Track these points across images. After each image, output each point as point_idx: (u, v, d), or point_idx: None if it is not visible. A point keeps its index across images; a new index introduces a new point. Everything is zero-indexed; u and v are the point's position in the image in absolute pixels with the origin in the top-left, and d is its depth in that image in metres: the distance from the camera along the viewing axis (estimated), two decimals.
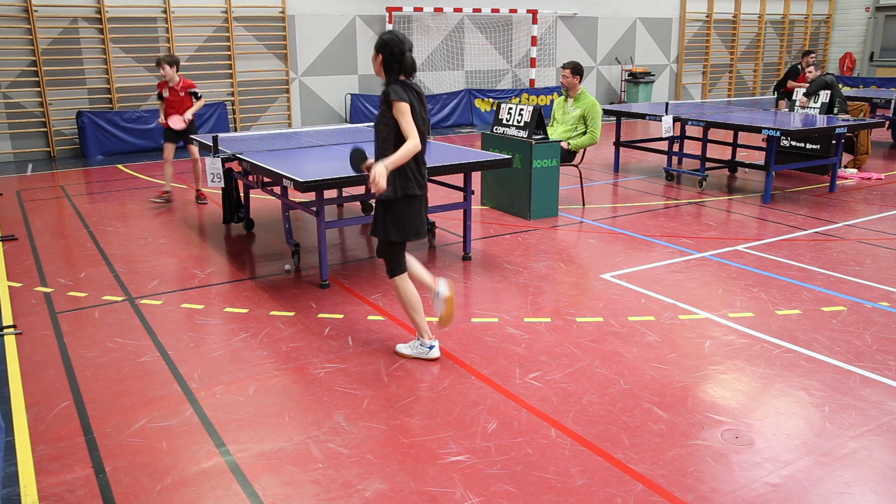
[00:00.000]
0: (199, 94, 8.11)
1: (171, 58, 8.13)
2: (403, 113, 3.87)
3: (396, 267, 4.14)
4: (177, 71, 8.08)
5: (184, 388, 3.91)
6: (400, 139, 3.93)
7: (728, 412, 3.64)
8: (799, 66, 12.84)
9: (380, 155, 4.02)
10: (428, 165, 5.55)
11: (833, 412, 3.63)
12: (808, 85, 10.06)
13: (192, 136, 7.91)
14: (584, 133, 7.90)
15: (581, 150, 8.01)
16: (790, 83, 12.82)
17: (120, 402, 3.77)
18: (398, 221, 4.04)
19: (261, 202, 8.29)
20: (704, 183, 8.92)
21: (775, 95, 13.25)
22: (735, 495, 2.99)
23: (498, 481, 3.08)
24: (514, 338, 4.53)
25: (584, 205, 8.04)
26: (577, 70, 7.86)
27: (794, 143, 9.45)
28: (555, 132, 8.02)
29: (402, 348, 4.31)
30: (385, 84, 4.00)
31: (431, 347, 4.22)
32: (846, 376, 4.01)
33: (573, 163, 7.98)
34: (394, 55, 3.92)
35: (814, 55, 12.24)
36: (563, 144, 7.70)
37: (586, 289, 5.43)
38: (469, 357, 4.26)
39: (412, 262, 4.25)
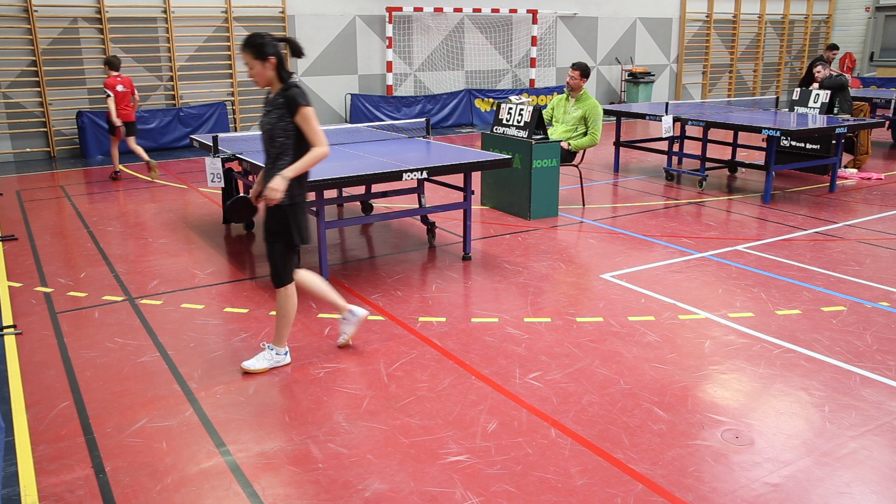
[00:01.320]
0: (106, 94, 9.37)
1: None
2: (310, 118, 3.70)
3: (289, 272, 3.99)
4: (109, 70, 9.42)
5: (184, 388, 3.91)
6: (301, 146, 3.77)
7: (728, 412, 3.64)
8: (822, 58, 12.85)
9: (273, 164, 3.82)
10: (428, 165, 5.60)
11: (833, 412, 3.64)
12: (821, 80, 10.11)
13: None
14: (585, 134, 7.91)
15: (581, 151, 8.01)
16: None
17: (120, 402, 3.77)
18: (300, 226, 3.90)
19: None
20: (704, 183, 8.92)
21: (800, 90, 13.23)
22: (735, 495, 2.99)
23: (498, 481, 3.08)
24: (514, 338, 4.53)
25: (584, 205, 8.04)
26: (585, 72, 7.88)
27: (794, 143, 9.44)
28: (555, 132, 8.02)
29: (254, 364, 4.08)
30: (282, 87, 3.78)
31: (286, 353, 4.16)
32: (846, 376, 4.01)
33: (573, 163, 7.99)
34: (278, 50, 3.74)
35: (836, 52, 12.30)
36: (564, 145, 7.71)
37: (586, 289, 5.43)
38: (469, 357, 4.26)
39: (320, 282, 4.21)
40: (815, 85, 10.14)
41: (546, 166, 7.28)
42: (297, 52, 3.84)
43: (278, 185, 3.73)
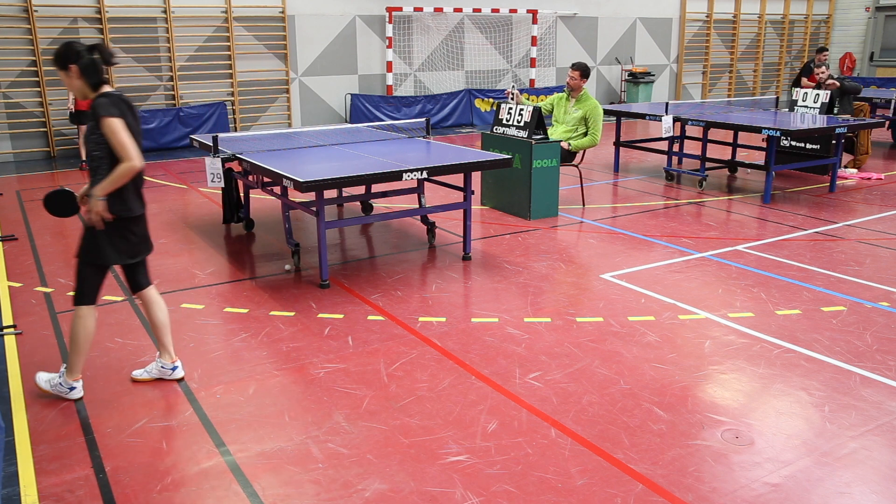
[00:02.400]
0: None
1: None
2: (115, 131, 3.48)
3: (90, 292, 3.71)
4: None
5: (184, 388, 3.91)
6: (115, 159, 3.54)
7: (728, 412, 3.64)
8: (812, 64, 12.89)
9: (93, 178, 3.64)
10: (428, 165, 5.60)
11: (833, 412, 3.64)
12: (817, 80, 10.12)
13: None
14: (586, 134, 7.91)
15: (581, 151, 8.01)
16: (803, 81, 12.95)
17: (120, 402, 3.77)
18: (115, 243, 3.70)
19: (261, 202, 8.29)
20: (704, 183, 8.92)
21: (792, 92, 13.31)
22: (735, 495, 2.99)
23: (498, 481, 3.08)
24: (514, 338, 4.53)
25: (584, 205, 8.03)
26: (585, 73, 7.88)
27: (794, 143, 9.44)
28: (555, 132, 8.02)
29: (41, 381, 3.83)
30: (95, 96, 3.60)
31: (71, 389, 3.78)
32: (846, 376, 4.01)
33: (573, 163, 7.98)
34: (82, 57, 3.57)
35: (826, 53, 12.30)
36: (564, 145, 7.71)
37: (586, 289, 5.43)
38: (469, 357, 4.26)
39: (164, 317, 3.95)
40: (806, 84, 10.19)
41: (546, 166, 7.28)
42: (107, 59, 3.64)
43: (96, 208, 3.56)
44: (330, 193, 7.30)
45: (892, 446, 3.34)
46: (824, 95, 9.45)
